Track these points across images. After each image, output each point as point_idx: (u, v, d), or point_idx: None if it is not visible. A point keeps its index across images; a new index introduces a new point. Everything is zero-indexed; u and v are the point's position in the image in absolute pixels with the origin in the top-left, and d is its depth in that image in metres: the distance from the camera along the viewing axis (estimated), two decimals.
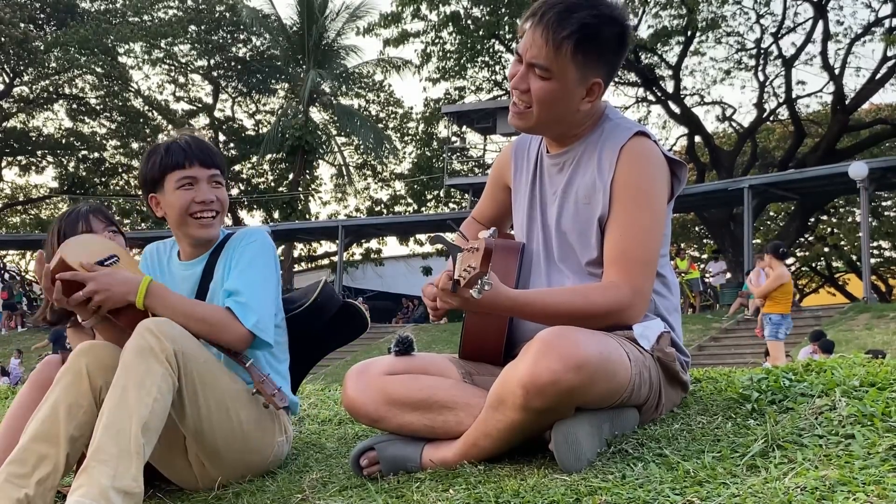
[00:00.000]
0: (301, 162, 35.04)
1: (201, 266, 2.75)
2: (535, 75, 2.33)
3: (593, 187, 2.40)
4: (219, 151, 2.75)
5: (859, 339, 15.14)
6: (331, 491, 2.35)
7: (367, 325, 3.09)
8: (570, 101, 2.36)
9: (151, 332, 2.38)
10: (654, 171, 2.38)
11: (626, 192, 2.36)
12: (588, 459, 2.16)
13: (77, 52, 35.19)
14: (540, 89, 2.33)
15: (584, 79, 2.33)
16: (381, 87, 39.50)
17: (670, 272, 2.54)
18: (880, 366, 2.70)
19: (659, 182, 2.39)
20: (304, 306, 2.92)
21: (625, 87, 31.74)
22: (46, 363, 2.90)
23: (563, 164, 2.50)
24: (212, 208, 2.69)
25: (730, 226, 26.87)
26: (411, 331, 18.63)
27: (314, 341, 2.97)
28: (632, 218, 2.35)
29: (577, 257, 2.45)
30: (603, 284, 2.34)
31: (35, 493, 2.26)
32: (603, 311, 2.30)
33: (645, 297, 2.36)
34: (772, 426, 2.18)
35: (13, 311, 29.78)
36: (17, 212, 42.19)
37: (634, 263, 2.33)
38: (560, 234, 2.48)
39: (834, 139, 27.72)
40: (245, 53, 39.30)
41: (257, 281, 2.63)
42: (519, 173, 2.64)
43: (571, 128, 2.45)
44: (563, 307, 2.28)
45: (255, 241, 2.72)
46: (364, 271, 36.54)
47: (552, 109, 2.37)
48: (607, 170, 2.38)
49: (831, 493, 1.70)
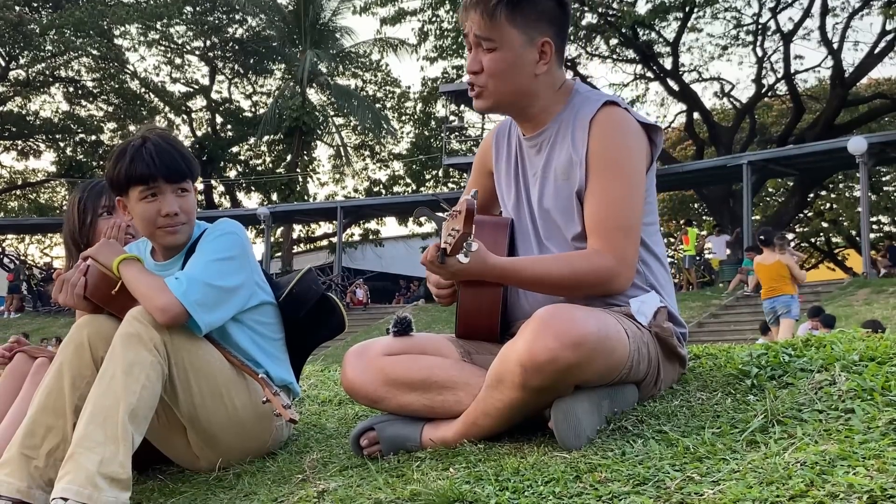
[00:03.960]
0: (299, 143, 34.99)
1: (177, 266, 2.68)
2: (484, 51, 2.36)
3: (570, 163, 2.41)
4: (188, 155, 2.67)
5: (859, 314, 15.15)
6: (331, 471, 2.36)
7: (345, 324, 3.03)
8: (524, 67, 2.37)
9: (139, 320, 2.39)
10: (626, 139, 2.38)
11: (600, 162, 2.36)
12: (588, 437, 2.16)
13: (72, 34, 35.02)
14: (490, 61, 2.37)
15: (531, 40, 2.36)
16: (378, 67, 39.40)
17: (659, 242, 2.54)
18: (880, 340, 2.70)
19: (633, 149, 2.38)
20: (282, 296, 2.88)
21: (623, 64, 31.66)
22: (19, 360, 2.95)
23: (539, 145, 2.50)
24: (177, 221, 2.63)
25: (729, 202, 26.85)
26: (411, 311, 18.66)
27: (297, 331, 2.92)
28: (607, 187, 2.35)
29: (563, 234, 2.45)
30: (588, 251, 2.35)
31: (45, 464, 2.30)
32: (588, 278, 2.31)
33: (630, 263, 2.35)
34: (771, 401, 2.18)
35: (18, 293, 29.81)
36: (16, 196, 42.15)
37: (614, 231, 2.33)
38: (543, 213, 2.48)
39: (833, 114, 27.63)
40: (241, 34, 39.12)
41: (200, 263, 2.56)
42: (500, 159, 2.65)
43: (535, 99, 2.44)
44: (549, 273, 2.30)
45: (214, 231, 2.68)
46: (363, 252, 36.54)
47: (507, 79, 2.38)
48: (581, 144, 2.38)
49: (831, 468, 1.70)
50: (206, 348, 2.55)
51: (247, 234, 2.79)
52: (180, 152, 2.65)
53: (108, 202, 3.04)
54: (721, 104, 34.48)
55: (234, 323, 2.67)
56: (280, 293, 2.88)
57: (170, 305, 2.44)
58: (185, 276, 2.50)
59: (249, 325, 2.74)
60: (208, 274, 2.53)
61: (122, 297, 2.53)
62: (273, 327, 2.83)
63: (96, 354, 2.42)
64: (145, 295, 2.47)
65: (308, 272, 2.99)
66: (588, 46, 30.39)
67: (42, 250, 41.65)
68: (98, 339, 2.44)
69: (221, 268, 2.58)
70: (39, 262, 39.10)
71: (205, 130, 40.98)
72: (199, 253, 2.62)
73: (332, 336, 3.03)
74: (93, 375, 2.38)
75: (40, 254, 41.46)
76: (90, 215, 3.04)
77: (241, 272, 2.63)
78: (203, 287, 2.50)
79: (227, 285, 2.57)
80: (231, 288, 2.59)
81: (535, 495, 1.83)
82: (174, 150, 2.64)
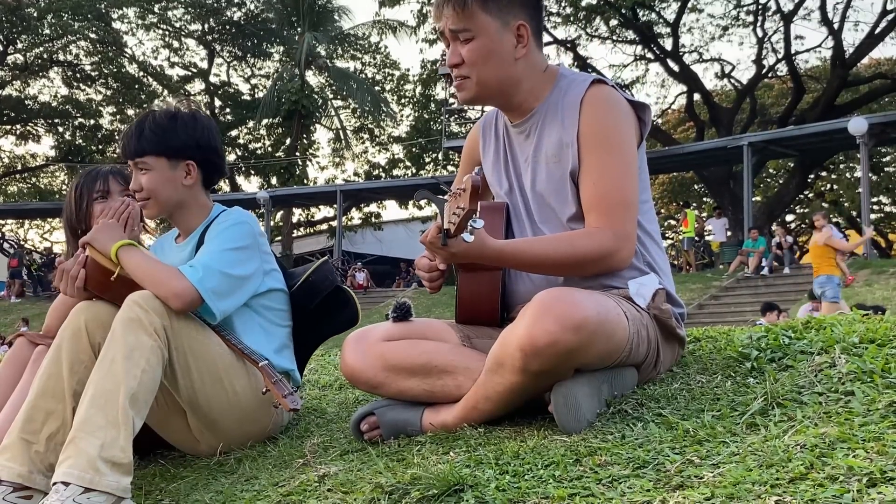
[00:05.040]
0: (298, 126, 34.90)
1: (191, 246, 2.75)
2: (462, 43, 2.37)
3: (560, 144, 2.40)
4: (154, 130, 2.70)
5: (859, 295, 15.15)
6: (332, 455, 2.36)
7: (358, 318, 3.03)
8: (503, 52, 2.37)
9: (140, 305, 2.38)
10: (617, 116, 2.37)
11: (593, 140, 2.35)
12: (587, 420, 2.16)
13: (70, 17, 34.92)
14: (469, 51, 2.37)
15: (506, 24, 2.36)
16: (377, 50, 39.26)
17: (653, 220, 2.53)
18: (880, 322, 2.70)
19: (625, 125, 2.38)
20: (297, 284, 2.90)
21: (623, 45, 31.54)
22: (20, 345, 2.95)
23: (528, 130, 2.49)
24: (139, 197, 2.73)
25: (729, 184, 26.80)
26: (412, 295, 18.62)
27: (308, 321, 2.94)
28: (603, 163, 2.34)
29: (558, 217, 2.44)
30: (587, 230, 2.34)
31: (46, 448, 2.30)
32: (590, 256, 2.30)
33: (629, 239, 2.35)
34: (771, 384, 2.18)
35: (19, 278, 29.83)
36: (15, 180, 42.11)
37: (614, 207, 2.32)
38: (537, 198, 2.47)
39: (833, 95, 27.55)
40: (239, 17, 38.95)
41: (215, 252, 2.59)
42: (487, 149, 2.64)
43: (519, 85, 2.43)
44: (550, 254, 2.29)
45: (226, 221, 2.70)
46: (363, 236, 36.51)
47: (488, 67, 2.38)
48: (571, 124, 2.38)
49: (831, 451, 1.70)
50: (205, 333, 2.56)
51: (258, 224, 2.81)
52: (142, 129, 2.70)
53: (102, 187, 3.07)
54: (721, 85, 34.43)
55: (242, 307, 2.69)
56: (294, 282, 2.90)
57: (186, 291, 2.47)
58: (201, 265, 2.53)
59: (257, 310, 2.75)
60: (223, 263, 2.57)
61: (118, 285, 2.53)
62: (282, 314, 2.84)
63: (94, 340, 2.42)
64: (157, 279, 2.48)
65: (325, 262, 3.03)
66: (588, 28, 30.28)
67: (42, 235, 41.72)
68: (95, 325, 2.44)
69: (235, 257, 2.61)
70: (39, 247, 39.12)
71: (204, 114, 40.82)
72: (212, 241, 2.64)
73: (344, 329, 3.03)
74: (90, 360, 2.39)
75: (40, 238, 41.53)
76: (86, 200, 3.07)
77: (252, 261, 2.67)
78: (218, 275, 2.54)
79: (240, 274, 2.61)
80: (244, 277, 2.63)
81: (535, 479, 1.83)
82: (140, 126, 2.71)
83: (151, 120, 2.72)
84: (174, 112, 2.75)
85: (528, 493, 1.75)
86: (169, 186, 2.73)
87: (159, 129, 2.70)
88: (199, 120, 2.79)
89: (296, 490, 2.08)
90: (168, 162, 2.72)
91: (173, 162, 2.72)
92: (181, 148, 2.72)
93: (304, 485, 2.10)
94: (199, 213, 2.81)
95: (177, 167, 2.73)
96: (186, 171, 2.74)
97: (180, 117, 2.75)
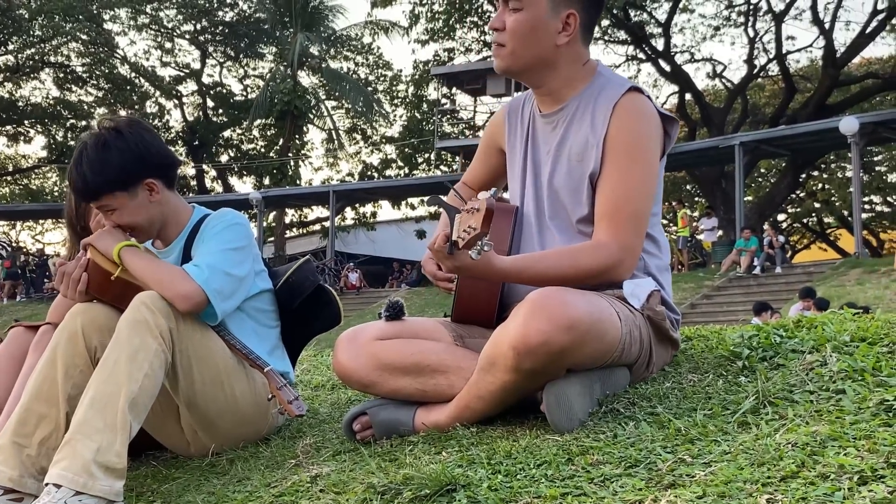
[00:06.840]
0: (291, 127, 34.84)
1: (178, 250, 2.71)
2: (510, 11, 2.37)
3: (586, 144, 2.39)
4: (102, 169, 2.54)
5: (851, 294, 15.21)
6: (324, 456, 2.36)
7: (340, 318, 3.01)
8: (545, 34, 2.37)
9: (147, 307, 2.37)
10: (647, 128, 2.37)
11: (618, 147, 2.34)
12: (580, 419, 2.16)
13: (62, 19, 34.80)
14: (513, 21, 2.37)
15: (556, 9, 2.36)
16: (369, 50, 39.22)
17: (661, 232, 2.53)
18: (871, 321, 2.71)
19: (653, 138, 2.38)
20: (279, 284, 2.87)
21: (615, 45, 31.59)
22: (14, 335, 2.93)
23: (556, 122, 2.48)
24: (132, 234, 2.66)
25: (721, 183, 26.86)
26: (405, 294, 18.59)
27: (291, 322, 2.92)
28: (624, 173, 2.34)
29: (568, 215, 2.44)
30: (592, 245, 2.33)
31: (37, 452, 2.29)
32: (593, 272, 2.30)
33: (634, 253, 2.35)
34: (763, 383, 2.18)
35: (15, 279, 29.76)
36: (7, 182, 41.96)
37: (625, 218, 2.32)
38: (552, 192, 2.46)
39: (824, 94, 27.63)
40: (231, 17, 38.93)
41: (216, 252, 2.57)
42: (513, 135, 2.62)
43: (555, 71, 2.43)
44: (552, 272, 2.27)
45: (221, 222, 2.68)
46: (356, 236, 36.49)
47: (527, 42, 2.38)
48: (600, 126, 2.37)
49: (822, 449, 1.70)
50: (209, 336, 2.55)
51: (249, 225, 2.79)
52: (82, 172, 2.56)
53: None
54: (713, 85, 34.48)
55: (235, 311, 2.68)
56: (277, 282, 2.88)
57: (194, 293, 2.45)
58: (205, 265, 2.51)
59: (249, 313, 2.74)
60: (225, 263, 2.55)
61: (117, 286, 2.52)
62: (270, 315, 2.83)
63: (90, 343, 2.41)
64: (164, 281, 2.45)
65: (306, 262, 2.99)
66: None
67: (34, 237, 41.60)
68: (92, 328, 2.43)
69: (234, 257, 2.60)
70: (32, 248, 39.01)
71: (196, 115, 40.81)
72: (211, 241, 2.62)
73: (326, 329, 3.02)
74: (86, 364, 2.38)
75: (32, 240, 41.42)
76: None
77: (247, 262, 2.66)
78: (222, 276, 2.53)
79: (240, 274, 2.60)
80: (242, 277, 2.62)
81: (527, 478, 1.83)
82: (79, 169, 2.57)
83: (86, 159, 2.55)
84: (103, 139, 2.56)
85: (520, 493, 1.75)
86: (142, 212, 2.63)
87: (97, 166, 2.54)
88: (126, 134, 2.59)
89: (288, 491, 2.08)
90: (126, 193, 2.58)
91: (131, 191, 2.59)
92: (128, 174, 2.57)
93: (297, 485, 2.10)
94: (179, 218, 2.74)
95: (137, 192, 2.60)
96: (149, 189, 2.62)
97: (109, 143, 2.56)
